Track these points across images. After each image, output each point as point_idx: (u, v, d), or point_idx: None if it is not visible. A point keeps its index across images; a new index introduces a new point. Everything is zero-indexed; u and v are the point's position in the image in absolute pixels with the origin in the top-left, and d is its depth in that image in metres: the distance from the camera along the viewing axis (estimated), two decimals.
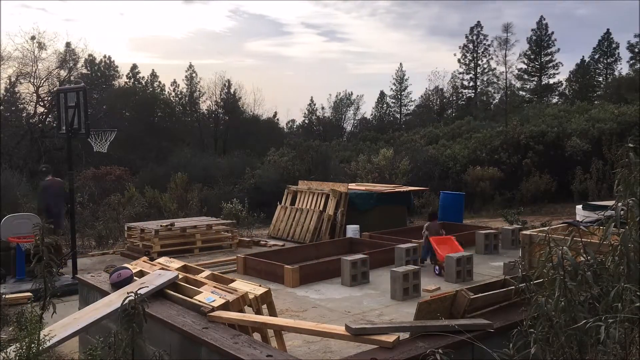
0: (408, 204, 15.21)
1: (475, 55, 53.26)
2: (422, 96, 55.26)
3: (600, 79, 51.80)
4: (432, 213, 11.05)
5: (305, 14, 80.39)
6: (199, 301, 4.86)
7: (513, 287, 3.95)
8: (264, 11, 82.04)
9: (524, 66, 52.41)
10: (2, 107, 31.64)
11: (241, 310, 4.87)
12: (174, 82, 46.20)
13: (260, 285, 5.38)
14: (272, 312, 5.33)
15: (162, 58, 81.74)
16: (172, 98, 44.83)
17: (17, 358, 3.86)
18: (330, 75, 78.17)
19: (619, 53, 50.82)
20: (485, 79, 53.12)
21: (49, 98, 30.89)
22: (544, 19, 51.81)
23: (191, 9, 74.02)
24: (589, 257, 3.09)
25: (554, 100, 49.61)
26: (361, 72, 78.94)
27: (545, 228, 9.87)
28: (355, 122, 55.10)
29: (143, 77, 46.80)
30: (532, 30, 52.18)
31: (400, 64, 68.38)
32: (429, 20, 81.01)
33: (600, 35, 52.00)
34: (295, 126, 53.18)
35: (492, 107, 49.71)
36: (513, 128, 24.07)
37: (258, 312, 5.12)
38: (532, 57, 52.34)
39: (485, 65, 52.81)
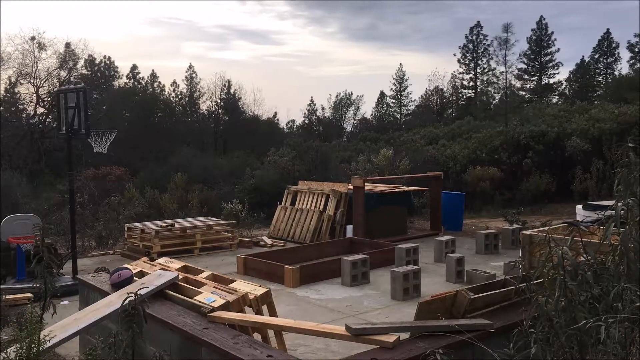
0: (408, 204, 15.21)
1: (475, 55, 53.24)
2: (422, 96, 55.26)
3: (600, 79, 51.78)
4: None
5: (216, 17, 78.09)
6: (199, 301, 4.86)
7: (513, 287, 3.95)
8: (177, 15, 79.11)
9: (524, 66, 52.45)
10: (2, 108, 31.64)
11: (241, 311, 4.87)
12: (174, 82, 46.27)
13: (260, 286, 5.38)
14: (272, 313, 5.34)
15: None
16: (172, 98, 44.87)
17: (17, 359, 3.86)
18: (288, 78, 77.60)
19: (619, 53, 50.84)
20: (485, 79, 53.12)
21: (49, 99, 30.89)
22: (544, 19, 51.83)
23: (107, 12, 71.70)
24: (589, 257, 3.09)
25: (554, 100, 49.56)
26: (319, 75, 78.80)
27: (545, 228, 9.87)
28: (355, 122, 55.13)
29: (143, 78, 46.82)
30: (532, 30, 52.20)
31: (400, 64, 68.34)
32: (343, 23, 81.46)
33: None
34: (295, 126, 53.21)
35: (492, 107, 49.61)
36: (513, 128, 24.04)
37: (258, 312, 5.12)
38: (532, 57, 52.33)
39: (485, 65, 52.85)
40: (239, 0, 75.87)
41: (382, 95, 56.68)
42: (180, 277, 5.59)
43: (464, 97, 54.11)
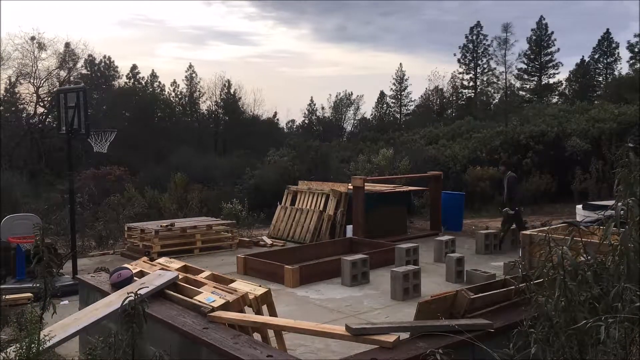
0: (408, 204, 15.20)
1: (475, 55, 53.26)
2: (422, 96, 55.33)
3: (600, 79, 51.79)
4: None
5: (188, 17, 77.64)
6: (199, 301, 4.86)
7: (513, 287, 3.95)
8: (148, 15, 78.04)
9: (524, 66, 52.47)
10: (2, 108, 31.66)
11: (241, 311, 4.87)
12: (174, 82, 46.27)
13: (260, 286, 5.38)
14: (272, 313, 5.33)
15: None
16: (172, 98, 44.88)
17: (17, 358, 3.86)
18: (273, 79, 77.26)
19: (619, 53, 50.86)
20: (485, 79, 53.14)
21: (49, 98, 30.93)
22: (544, 19, 51.83)
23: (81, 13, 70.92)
24: (589, 257, 3.09)
25: (554, 100, 49.59)
26: (304, 75, 78.55)
27: (545, 228, 9.87)
28: (355, 122, 55.20)
29: (143, 78, 46.82)
30: (532, 30, 52.23)
31: (400, 64, 68.44)
32: (313, 25, 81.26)
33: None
34: (295, 126, 53.28)
35: (492, 107, 49.68)
36: (513, 128, 24.05)
37: (258, 312, 5.12)
38: (532, 57, 52.34)
39: (485, 65, 52.87)
40: (205, 0, 75.55)
41: (382, 95, 56.76)
42: (180, 277, 5.59)
43: (464, 97, 54.14)
